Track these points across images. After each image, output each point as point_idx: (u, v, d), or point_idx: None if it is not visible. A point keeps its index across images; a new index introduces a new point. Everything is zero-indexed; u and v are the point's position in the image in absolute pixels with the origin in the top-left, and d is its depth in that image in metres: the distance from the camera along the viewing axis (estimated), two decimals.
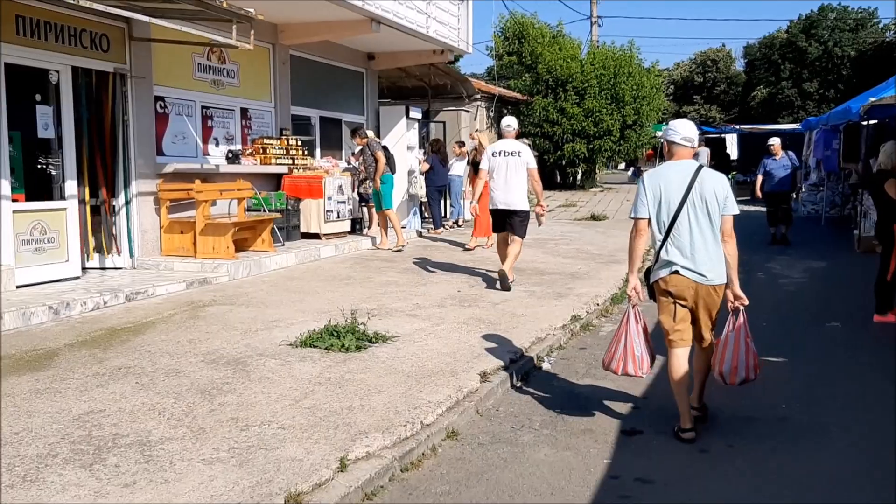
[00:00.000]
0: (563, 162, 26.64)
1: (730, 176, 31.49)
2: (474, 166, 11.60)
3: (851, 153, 15.38)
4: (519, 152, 8.87)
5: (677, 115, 58.91)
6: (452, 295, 8.60)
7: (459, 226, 15.65)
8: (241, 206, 10.40)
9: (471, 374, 5.66)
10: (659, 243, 4.70)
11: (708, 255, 4.59)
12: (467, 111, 17.84)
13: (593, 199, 24.02)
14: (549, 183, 28.32)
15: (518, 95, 26.99)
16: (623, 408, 5.37)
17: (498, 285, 8.89)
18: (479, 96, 24.77)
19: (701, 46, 65.16)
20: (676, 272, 4.63)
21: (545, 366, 6.45)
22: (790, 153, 13.32)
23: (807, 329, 7.69)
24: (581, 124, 25.39)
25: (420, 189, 14.88)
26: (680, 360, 4.73)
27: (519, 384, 5.91)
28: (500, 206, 8.90)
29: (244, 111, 11.59)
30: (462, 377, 5.56)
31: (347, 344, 6.17)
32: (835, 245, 13.78)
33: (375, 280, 9.46)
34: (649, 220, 4.69)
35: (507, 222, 8.95)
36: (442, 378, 5.50)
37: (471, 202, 9.67)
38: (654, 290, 4.88)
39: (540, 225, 9.97)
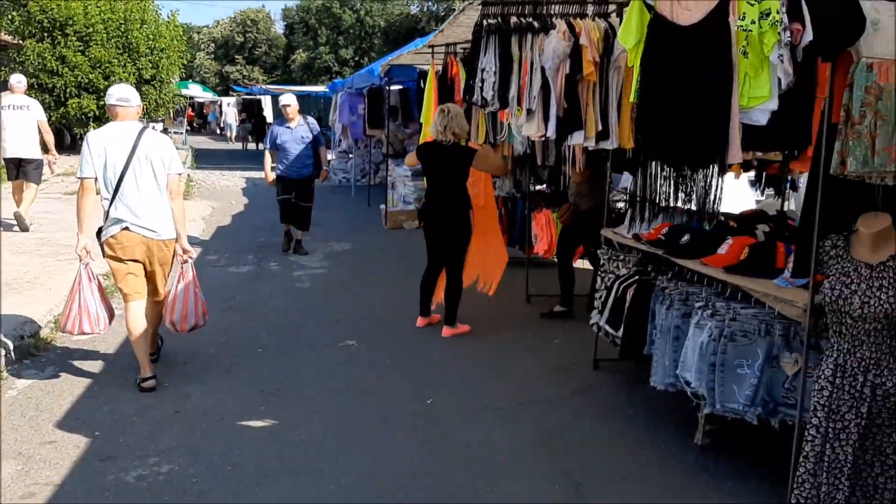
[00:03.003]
0: (72, 120, 22.15)
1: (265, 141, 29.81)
2: None
3: (376, 119, 14.32)
4: (28, 106, 9.65)
5: (219, 75, 57.30)
6: None
7: None
8: None
9: None
10: (108, 202, 4.81)
11: (155, 211, 4.84)
12: None
13: None
14: (60, 144, 23.64)
15: (8, 39, 21.73)
16: None
17: (16, 228, 9.56)
18: None
19: (241, 6, 63.22)
20: (127, 228, 4.79)
21: None
22: (310, 119, 9.43)
23: (313, 352, 5.74)
24: (88, 76, 21.23)
25: None
26: (136, 313, 4.92)
27: None
28: (11, 156, 9.51)
29: None
30: None
31: None
32: (364, 220, 12.49)
33: None
34: (96, 178, 4.77)
35: (19, 171, 9.58)
36: None
37: None
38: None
39: (53, 173, 11.31)
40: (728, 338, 3.29)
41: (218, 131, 40.37)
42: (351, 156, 17.11)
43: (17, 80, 9.80)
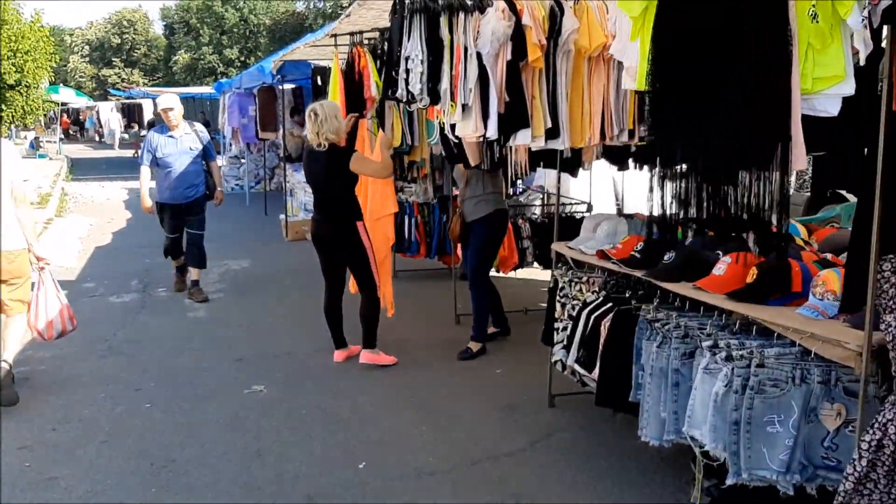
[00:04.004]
0: None
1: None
2: None
3: (269, 120, 13.28)
4: None
5: (96, 79, 54.25)
6: None
7: None
8: None
9: None
10: None
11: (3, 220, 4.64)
12: None
13: None
14: None
15: None
16: None
17: None
18: None
19: (116, 6, 60.38)
20: None
21: None
22: (198, 126, 7.50)
23: (213, 403, 4.77)
24: None
25: None
26: None
27: None
28: None
29: None
30: None
31: None
32: (262, 232, 11.42)
33: None
34: None
35: None
36: None
37: None
38: None
39: None
40: (754, 389, 2.59)
41: (97, 138, 37.96)
42: (243, 161, 15.92)
43: None
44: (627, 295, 3.50)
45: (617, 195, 9.12)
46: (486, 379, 5.07)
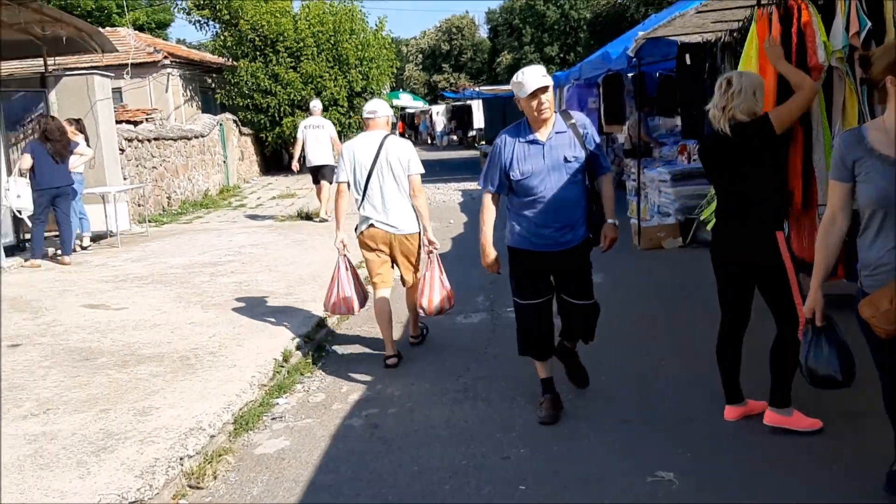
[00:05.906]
0: (287, 140, 21.69)
1: (477, 146, 28.00)
2: None
3: (614, 113, 11.94)
4: (323, 126, 12.13)
5: (428, 85, 57.44)
6: None
7: (85, 248, 10.37)
8: None
9: None
10: (358, 203, 5.43)
11: (397, 209, 5.38)
12: (106, 76, 12.34)
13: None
14: (278, 165, 23.63)
15: (220, 60, 21.88)
16: None
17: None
18: (168, 62, 19.82)
19: (445, 14, 63.74)
20: (372, 225, 5.39)
21: None
22: (578, 116, 4.31)
23: (605, 497, 3.45)
24: (300, 93, 20.62)
25: (19, 199, 9.42)
26: (381, 298, 5.53)
27: None
28: (312, 165, 12.18)
29: None
30: None
31: None
32: None
33: None
34: (349, 183, 5.38)
35: (318, 175, 12.22)
36: None
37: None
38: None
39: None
40: None
41: (429, 141, 39.71)
42: None
43: (315, 104, 12.58)
44: None
45: None
46: None
